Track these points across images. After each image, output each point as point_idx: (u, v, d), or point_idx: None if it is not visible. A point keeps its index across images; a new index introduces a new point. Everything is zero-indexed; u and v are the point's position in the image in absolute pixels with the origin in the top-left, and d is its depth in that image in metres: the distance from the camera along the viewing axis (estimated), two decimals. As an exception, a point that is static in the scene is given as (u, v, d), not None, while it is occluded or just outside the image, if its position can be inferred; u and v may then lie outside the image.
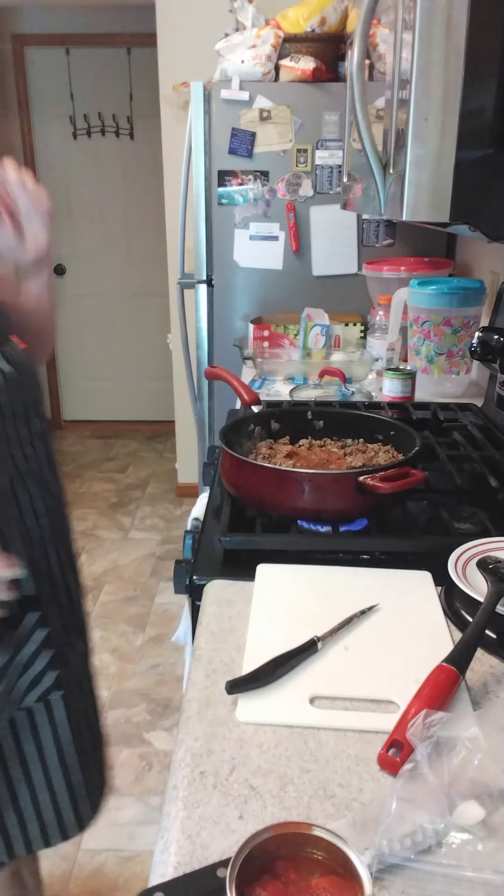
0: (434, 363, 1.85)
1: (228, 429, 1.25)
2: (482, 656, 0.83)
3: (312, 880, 0.53)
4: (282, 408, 1.57)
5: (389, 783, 0.66)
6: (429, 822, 0.58)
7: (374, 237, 2.48)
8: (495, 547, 0.97)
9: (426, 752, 0.62)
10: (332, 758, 0.69)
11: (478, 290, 1.81)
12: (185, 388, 3.05)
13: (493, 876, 0.56)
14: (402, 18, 0.95)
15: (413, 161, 0.92)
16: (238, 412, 1.67)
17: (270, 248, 2.50)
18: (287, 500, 1.07)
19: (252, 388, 1.53)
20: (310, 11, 2.32)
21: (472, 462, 1.33)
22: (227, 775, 0.67)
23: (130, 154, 4.44)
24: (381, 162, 1.07)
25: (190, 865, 0.58)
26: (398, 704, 0.75)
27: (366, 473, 1.03)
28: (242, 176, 2.43)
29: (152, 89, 3.33)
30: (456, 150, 0.91)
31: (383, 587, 0.96)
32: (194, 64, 2.92)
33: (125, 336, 4.71)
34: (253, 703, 0.75)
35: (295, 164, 2.41)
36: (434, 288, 1.81)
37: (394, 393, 1.75)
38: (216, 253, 2.54)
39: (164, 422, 3.89)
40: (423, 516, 1.18)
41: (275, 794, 0.65)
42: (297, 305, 2.35)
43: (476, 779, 0.62)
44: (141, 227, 4.51)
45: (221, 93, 2.35)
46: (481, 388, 1.84)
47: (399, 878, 0.56)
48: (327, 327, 2.23)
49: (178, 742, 0.72)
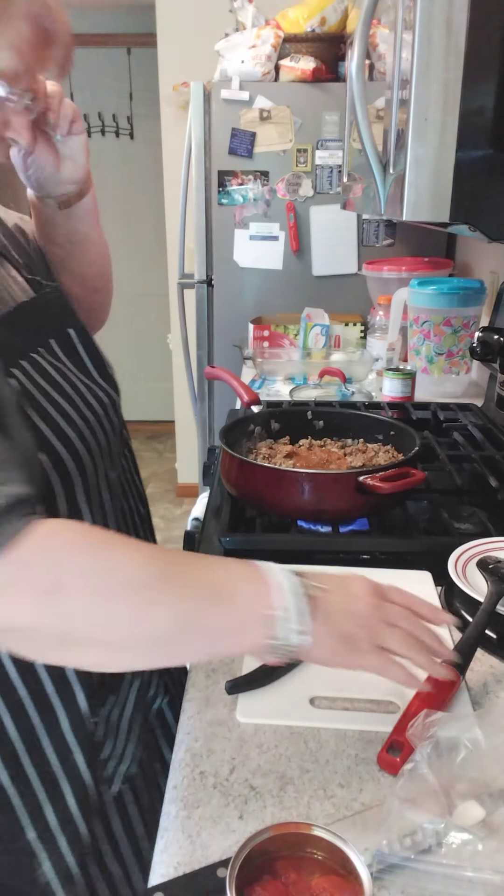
0: (434, 363, 1.85)
1: (228, 429, 1.25)
2: (482, 656, 0.83)
3: (312, 880, 0.53)
4: (282, 408, 1.57)
5: (389, 783, 0.66)
6: (429, 822, 0.58)
7: (374, 237, 2.48)
8: (495, 547, 0.97)
9: (426, 752, 0.62)
10: (332, 758, 0.69)
11: (478, 290, 1.81)
12: (185, 388, 3.05)
13: (493, 876, 0.56)
14: (402, 18, 0.95)
15: (413, 161, 0.92)
16: (238, 412, 1.66)
17: (270, 248, 2.50)
18: (287, 500, 1.07)
19: (252, 388, 1.53)
20: (310, 11, 2.31)
21: (472, 462, 1.33)
22: (227, 775, 0.67)
23: (130, 154, 4.44)
24: (381, 162, 1.07)
25: (190, 865, 0.58)
26: (398, 704, 0.75)
27: (366, 473, 1.03)
28: (242, 176, 2.43)
29: (152, 89, 3.33)
30: (456, 150, 0.91)
31: (383, 587, 0.95)
32: (194, 64, 2.91)
33: (125, 336, 4.71)
34: (253, 703, 0.75)
35: (295, 164, 2.41)
36: (434, 288, 1.81)
37: (394, 393, 1.74)
38: (216, 253, 2.54)
39: (164, 422, 3.89)
40: (423, 516, 1.18)
41: (275, 794, 0.65)
42: (297, 305, 2.35)
43: (476, 779, 0.62)
44: (141, 228, 4.51)
45: (221, 93, 2.35)
46: (481, 388, 1.84)
47: (399, 878, 0.56)
48: (327, 327, 2.22)
49: (178, 742, 0.72)
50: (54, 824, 0.83)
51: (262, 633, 0.62)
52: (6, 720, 0.80)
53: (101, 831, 0.89)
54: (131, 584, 0.62)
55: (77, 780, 0.84)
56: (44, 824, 0.83)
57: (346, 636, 0.64)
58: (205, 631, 0.64)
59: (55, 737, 0.82)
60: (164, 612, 0.61)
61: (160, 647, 0.64)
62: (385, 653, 0.66)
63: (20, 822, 0.82)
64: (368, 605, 0.66)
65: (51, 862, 0.84)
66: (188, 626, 0.63)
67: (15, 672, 0.78)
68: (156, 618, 0.61)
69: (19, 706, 0.80)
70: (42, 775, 0.82)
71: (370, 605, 0.66)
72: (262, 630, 0.62)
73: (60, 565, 0.60)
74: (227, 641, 0.65)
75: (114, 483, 0.92)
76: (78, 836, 0.85)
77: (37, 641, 0.62)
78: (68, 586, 0.60)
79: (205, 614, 0.63)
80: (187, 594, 0.63)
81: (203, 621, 0.63)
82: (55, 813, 0.83)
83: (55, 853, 0.84)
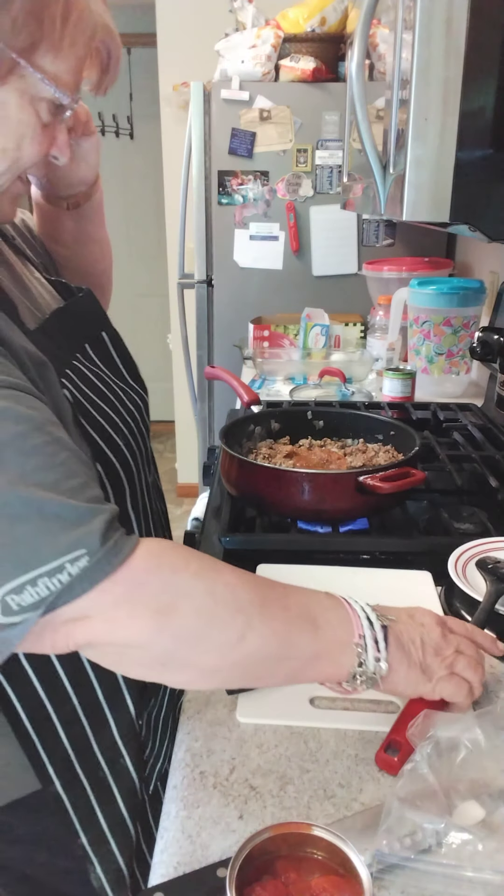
0: (434, 363, 1.85)
1: (228, 429, 1.25)
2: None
3: (312, 880, 0.53)
4: (282, 408, 1.57)
5: (389, 783, 0.66)
6: (429, 822, 0.58)
7: (374, 237, 2.48)
8: (495, 547, 0.97)
9: (426, 752, 0.62)
10: (332, 758, 0.69)
11: (478, 290, 1.81)
12: (185, 388, 3.05)
13: (493, 876, 0.56)
14: (402, 18, 0.95)
15: (413, 161, 0.92)
16: (238, 412, 1.66)
17: (270, 248, 2.50)
18: (287, 500, 1.07)
19: (252, 388, 1.53)
20: (310, 11, 2.31)
21: (472, 462, 1.33)
22: (227, 775, 0.67)
23: (130, 154, 4.44)
24: (381, 162, 1.07)
25: (190, 865, 0.58)
26: (398, 704, 0.75)
27: (366, 473, 1.03)
28: (242, 176, 2.43)
29: (152, 89, 3.33)
30: (456, 150, 0.91)
31: (383, 587, 0.95)
32: (194, 64, 2.92)
33: (125, 336, 4.69)
34: (253, 703, 0.75)
35: (295, 164, 2.41)
36: (434, 288, 1.81)
37: (394, 393, 1.74)
38: (216, 253, 2.54)
39: (164, 422, 3.89)
40: (423, 516, 1.18)
41: (275, 794, 0.65)
42: (297, 305, 2.35)
43: (476, 779, 0.62)
44: (141, 228, 4.51)
45: (221, 93, 2.35)
46: (481, 388, 1.83)
47: (399, 878, 0.56)
48: (327, 327, 2.22)
49: (178, 742, 0.72)
50: (105, 828, 0.85)
51: (348, 662, 0.64)
52: (59, 730, 0.81)
53: (142, 831, 0.91)
54: (237, 608, 0.62)
55: (126, 782, 0.85)
56: (96, 828, 0.84)
57: (421, 665, 0.67)
58: (296, 658, 0.65)
59: (105, 742, 0.84)
60: (261, 636, 0.62)
61: (251, 671, 0.65)
62: (457, 677, 0.68)
63: (74, 827, 0.83)
64: (439, 635, 0.69)
65: (102, 867, 0.85)
66: (282, 652, 0.64)
67: (67, 683, 0.80)
68: (253, 642, 0.62)
69: (73, 715, 0.81)
70: (93, 781, 0.84)
71: (440, 636, 0.69)
72: (349, 658, 0.64)
73: (172, 585, 0.61)
74: (314, 667, 0.66)
75: (151, 487, 0.94)
76: (127, 837, 0.87)
77: (144, 658, 0.62)
78: (180, 608, 0.60)
79: (298, 640, 0.64)
80: (285, 620, 0.64)
81: (296, 649, 0.64)
82: (105, 817, 0.85)
83: (107, 857, 0.85)
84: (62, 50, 0.67)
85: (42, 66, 0.66)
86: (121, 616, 0.59)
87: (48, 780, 0.81)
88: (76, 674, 0.80)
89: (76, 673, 0.80)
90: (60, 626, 0.59)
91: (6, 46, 0.63)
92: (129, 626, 0.59)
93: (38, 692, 0.79)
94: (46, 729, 0.80)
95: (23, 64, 0.64)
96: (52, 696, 0.80)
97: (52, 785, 0.82)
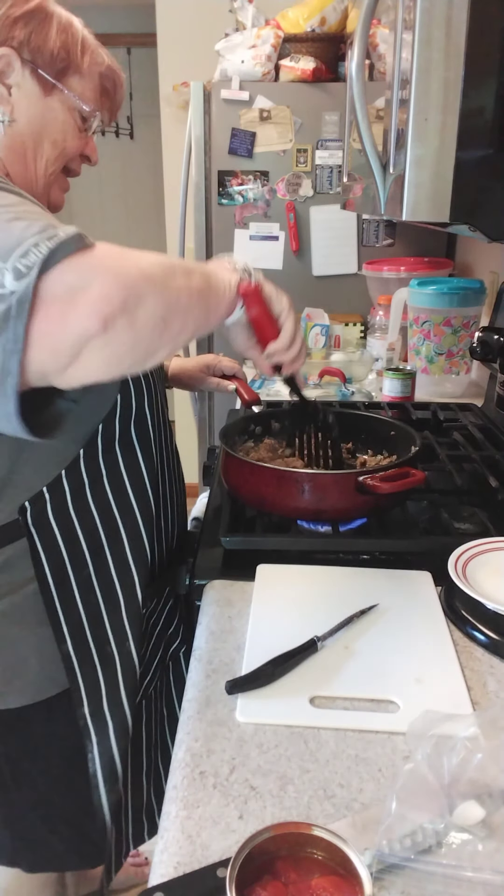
0: (434, 363, 1.85)
1: (228, 429, 1.25)
2: (482, 656, 0.83)
3: (312, 880, 0.53)
4: (282, 408, 1.57)
5: (389, 783, 0.66)
6: (429, 822, 0.58)
7: (374, 237, 2.48)
8: (495, 547, 0.97)
9: (426, 752, 0.62)
10: (332, 758, 0.69)
11: (478, 290, 1.81)
12: (185, 388, 3.04)
13: (493, 876, 0.56)
14: (402, 18, 0.95)
15: (413, 161, 0.92)
16: (238, 412, 1.66)
17: (270, 248, 2.50)
18: (287, 500, 1.07)
19: (252, 388, 1.52)
20: (310, 11, 2.31)
21: (472, 462, 1.33)
22: (227, 775, 0.67)
23: (130, 154, 4.44)
24: (381, 162, 1.07)
25: (190, 865, 0.58)
26: (398, 704, 0.75)
27: (366, 473, 1.03)
28: (242, 176, 2.43)
29: (152, 89, 3.33)
30: (456, 150, 0.91)
31: (383, 587, 0.96)
32: (194, 64, 2.91)
33: (125, 336, 4.70)
34: (253, 703, 0.75)
35: (295, 164, 2.41)
36: (434, 288, 1.81)
37: (394, 393, 1.74)
38: (216, 253, 2.54)
39: (164, 422, 3.90)
40: (423, 516, 1.18)
41: (275, 794, 0.65)
42: (297, 305, 2.33)
43: (476, 779, 0.62)
44: (141, 228, 4.51)
45: (221, 93, 2.35)
46: (481, 388, 1.84)
47: (399, 878, 0.56)
48: (327, 327, 2.22)
49: (178, 742, 0.72)
50: (105, 705, 0.97)
51: (232, 277, 0.89)
52: (76, 595, 0.95)
53: (134, 737, 1.04)
54: (155, 271, 0.74)
55: (129, 667, 0.98)
56: (97, 701, 0.97)
57: (279, 296, 1.03)
58: (190, 275, 0.80)
59: (116, 623, 0.97)
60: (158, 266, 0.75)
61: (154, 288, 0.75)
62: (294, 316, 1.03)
63: (80, 692, 0.96)
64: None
65: (99, 748, 0.97)
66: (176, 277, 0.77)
67: (85, 547, 0.96)
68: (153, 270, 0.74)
69: (88, 583, 0.96)
70: (101, 653, 0.97)
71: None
72: (232, 275, 0.89)
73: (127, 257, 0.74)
74: (208, 289, 0.83)
75: (166, 420, 1.10)
76: (124, 725, 0.98)
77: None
78: (137, 268, 0.72)
79: (190, 269, 0.80)
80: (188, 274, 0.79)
81: (189, 275, 0.79)
82: (107, 694, 0.97)
83: (104, 740, 0.97)
84: (84, 75, 0.95)
85: (71, 85, 0.94)
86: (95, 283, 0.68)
87: (62, 639, 0.94)
88: (91, 536, 0.96)
89: (92, 534, 0.96)
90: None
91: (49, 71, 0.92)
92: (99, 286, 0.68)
93: (61, 549, 0.94)
94: (65, 590, 0.94)
95: (60, 86, 0.93)
96: (72, 557, 0.95)
97: (65, 644, 0.95)
